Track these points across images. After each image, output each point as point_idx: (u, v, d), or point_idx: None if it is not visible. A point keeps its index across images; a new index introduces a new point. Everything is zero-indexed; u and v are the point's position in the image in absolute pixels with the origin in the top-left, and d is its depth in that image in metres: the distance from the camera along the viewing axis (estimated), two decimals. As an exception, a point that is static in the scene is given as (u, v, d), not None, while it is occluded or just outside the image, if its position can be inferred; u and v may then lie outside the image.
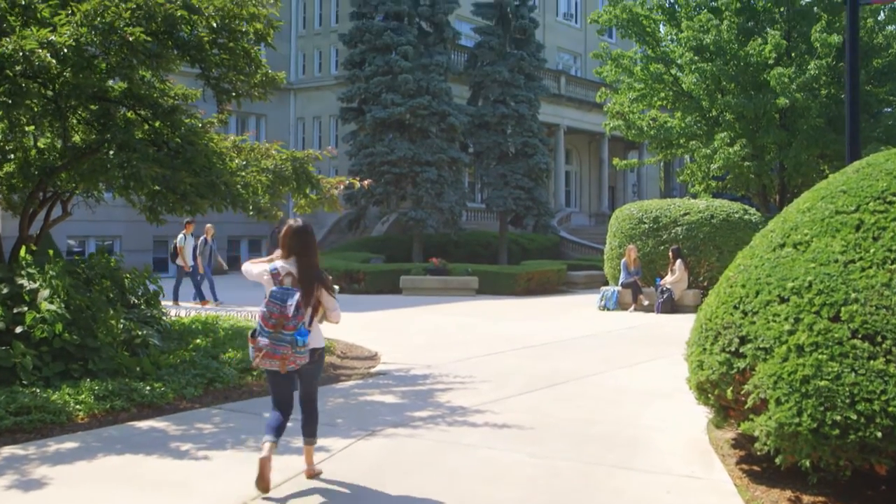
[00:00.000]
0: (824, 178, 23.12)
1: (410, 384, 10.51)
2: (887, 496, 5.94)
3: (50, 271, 9.51)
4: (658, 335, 15.50)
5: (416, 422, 8.39)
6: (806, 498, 5.92)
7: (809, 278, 6.00)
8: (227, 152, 11.64)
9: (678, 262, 20.12)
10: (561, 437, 7.80)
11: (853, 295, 5.77)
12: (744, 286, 6.45)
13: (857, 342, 5.59)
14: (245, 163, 11.69)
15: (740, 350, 6.14)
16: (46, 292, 9.22)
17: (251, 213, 11.29)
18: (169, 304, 19.13)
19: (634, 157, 39.26)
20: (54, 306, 9.06)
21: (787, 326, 5.86)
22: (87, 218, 17.99)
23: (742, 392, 6.07)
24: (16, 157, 11.39)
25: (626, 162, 33.44)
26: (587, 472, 6.70)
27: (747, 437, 6.52)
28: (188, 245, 21.03)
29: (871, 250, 5.99)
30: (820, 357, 5.59)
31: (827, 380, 5.50)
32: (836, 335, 5.65)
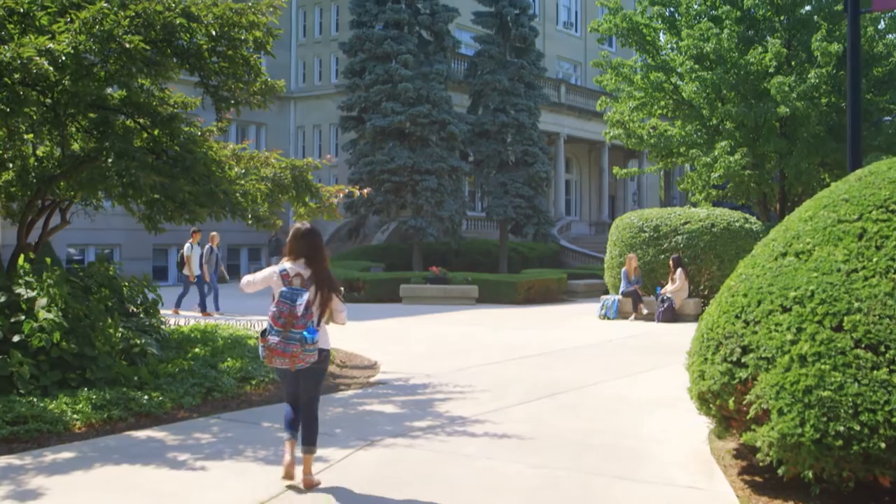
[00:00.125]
0: (825, 186, 23.13)
1: (410, 393, 10.46)
2: (891, 508, 5.89)
3: (48, 280, 9.46)
4: (658, 344, 15.45)
5: (416, 432, 8.33)
6: (809, 509, 5.87)
7: (812, 287, 5.96)
8: (227, 161, 11.61)
9: (679, 270, 20.07)
10: (561, 448, 7.74)
11: (856, 304, 5.73)
12: (745, 295, 6.40)
13: (860, 352, 5.55)
14: (244, 171, 11.66)
15: (742, 360, 6.09)
16: (44, 301, 9.17)
17: (250, 221, 11.26)
18: (168, 313, 19.11)
19: (635, 166, 39.29)
20: (52, 315, 9.01)
21: (789, 336, 5.82)
22: (87, 226, 17.99)
23: (744, 402, 6.03)
24: (14, 165, 11.36)
25: (626, 171, 33.43)
26: (587, 483, 6.65)
27: (749, 447, 6.47)
28: (195, 254, 20.87)
29: (874, 259, 5.95)
30: (823, 367, 5.54)
31: (830, 390, 5.46)
32: (838, 345, 5.61)
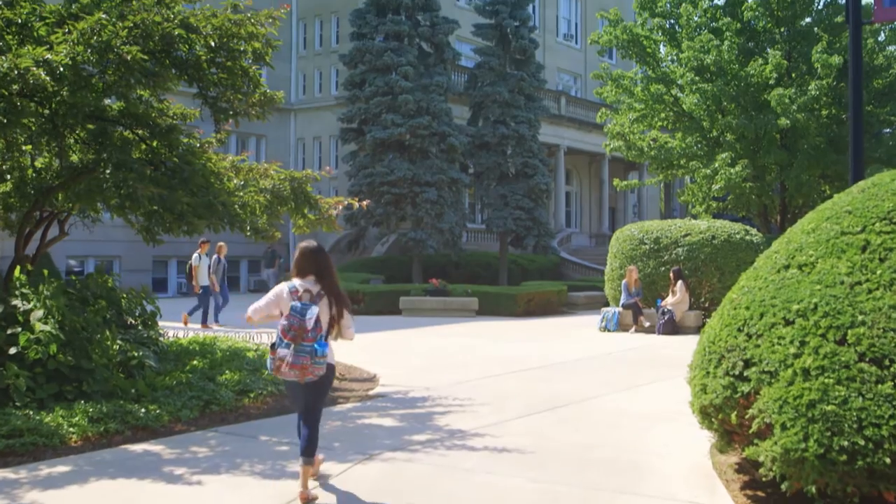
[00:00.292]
0: (825, 198, 23.02)
1: (409, 407, 10.39)
2: (896, 523, 5.81)
3: (44, 291, 9.41)
4: (659, 357, 15.38)
5: (415, 445, 8.26)
6: (812, 525, 5.79)
7: (815, 300, 5.89)
8: (225, 172, 11.59)
9: (679, 283, 20.01)
10: (561, 462, 7.67)
11: (860, 317, 5.66)
12: (748, 308, 6.33)
13: (864, 366, 5.48)
14: (243, 183, 11.63)
15: (744, 373, 6.02)
16: (40, 313, 9.11)
17: (248, 233, 11.22)
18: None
19: (635, 178, 39.27)
20: (48, 327, 8.95)
21: (792, 349, 5.75)
22: (87, 238, 17.91)
23: (746, 416, 5.96)
24: (13, 176, 11.33)
25: (626, 182, 33.43)
26: (588, 498, 6.57)
27: (752, 462, 6.40)
28: (203, 264, 20.73)
29: (878, 272, 5.88)
30: (826, 381, 5.47)
31: (834, 404, 5.39)
32: (842, 358, 5.54)
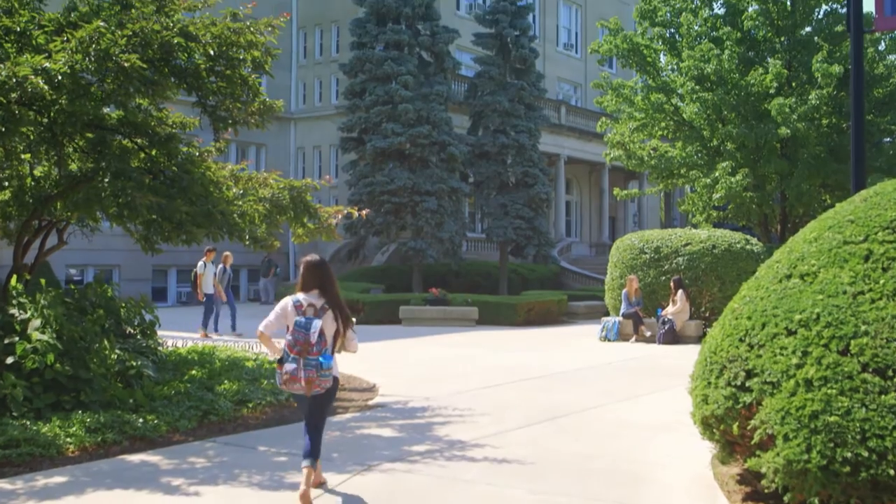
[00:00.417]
0: (826, 207, 22.86)
1: (408, 417, 10.33)
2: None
3: (41, 300, 9.36)
4: (660, 367, 15.31)
5: (414, 456, 8.20)
6: (815, 537, 5.73)
7: (817, 310, 5.85)
8: (225, 181, 11.55)
9: (680, 292, 19.95)
10: (562, 473, 7.61)
11: (863, 328, 5.62)
12: (749, 318, 6.29)
13: (867, 376, 5.44)
14: (242, 192, 11.59)
15: (746, 384, 5.98)
16: (38, 322, 9.06)
17: (247, 242, 11.18)
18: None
19: (635, 187, 39.18)
20: (46, 336, 8.90)
21: (794, 360, 5.70)
22: (87, 247, 17.85)
23: (748, 427, 5.91)
24: (11, 185, 11.29)
25: (626, 192, 33.40)
26: (589, 510, 6.53)
27: (753, 473, 6.35)
28: (208, 272, 20.72)
29: (881, 281, 5.84)
30: (829, 392, 5.43)
31: (837, 415, 5.34)
32: (845, 369, 5.49)
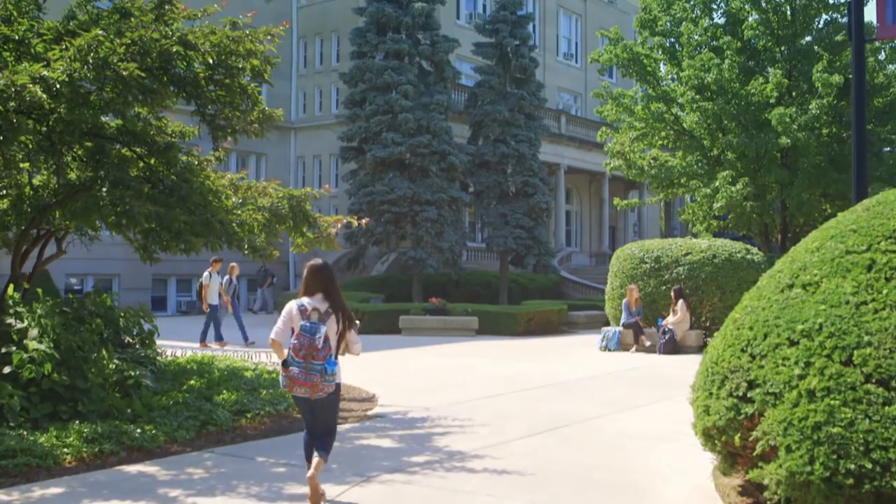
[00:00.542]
0: (826, 217, 22.80)
1: (408, 427, 10.28)
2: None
3: (38, 310, 9.31)
4: (660, 377, 15.24)
5: (414, 467, 8.15)
6: (818, 550, 5.67)
7: (820, 320, 5.80)
8: (224, 190, 11.52)
9: (680, 302, 19.89)
10: (562, 484, 7.56)
11: (866, 338, 5.57)
12: (751, 328, 6.24)
13: (870, 387, 5.39)
14: (241, 201, 11.55)
15: (748, 395, 5.93)
16: (35, 331, 9.01)
17: (246, 251, 11.14)
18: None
19: (635, 197, 39.15)
20: (43, 346, 8.85)
21: (797, 370, 5.66)
22: (87, 256, 17.85)
23: (750, 438, 5.86)
24: (9, 194, 11.25)
25: (626, 201, 33.33)
26: (590, 521, 6.47)
27: (755, 484, 6.29)
28: (214, 282, 20.59)
29: (884, 291, 5.79)
30: (832, 403, 5.38)
31: (840, 426, 5.29)
32: (848, 380, 5.44)
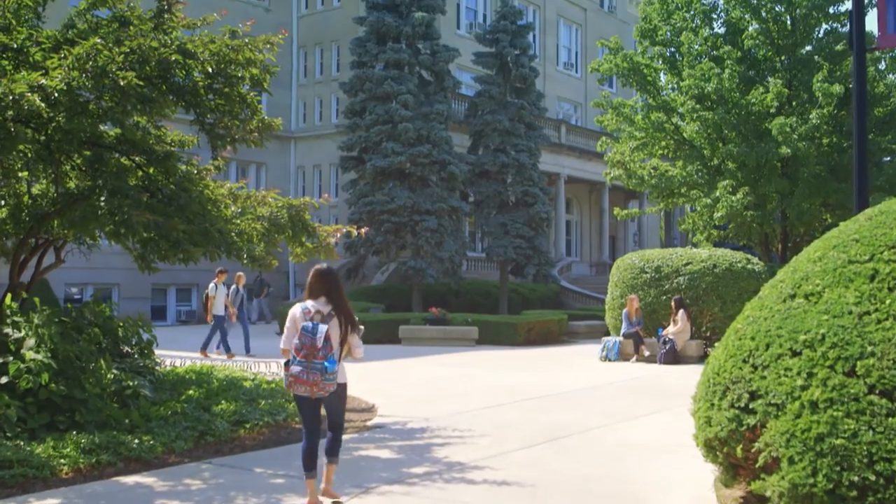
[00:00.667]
0: (827, 226, 22.71)
1: (407, 438, 10.22)
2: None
3: (35, 319, 9.26)
4: (661, 387, 15.18)
5: (413, 478, 8.09)
6: (821, 562, 5.62)
7: (822, 331, 5.75)
8: (223, 199, 11.48)
9: (681, 312, 19.83)
10: (563, 495, 7.51)
11: (869, 348, 5.52)
12: (753, 338, 6.19)
13: (874, 398, 5.34)
14: (241, 210, 11.52)
15: (750, 406, 5.88)
16: (32, 341, 8.97)
17: (245, 261, 11.10)
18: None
19: (635, 207, 39.15)
20: (40, 356, 8.80)
21: (799, 381, 5.61)
22: (86, 265, 17.76)
23: (752, 450, 5.81)
24: (8, 203, 11.22)
25: (626, 211, 33.30)
26: (590, 534, 6.41)
27: (757, 496, 6.24)
28: (220, 294, 20.36)
29: (888, 301, 5.74)
30: (835, 414, 5.33)
31: (843, 438, 5.24)
32: (851, 391, 5.40)
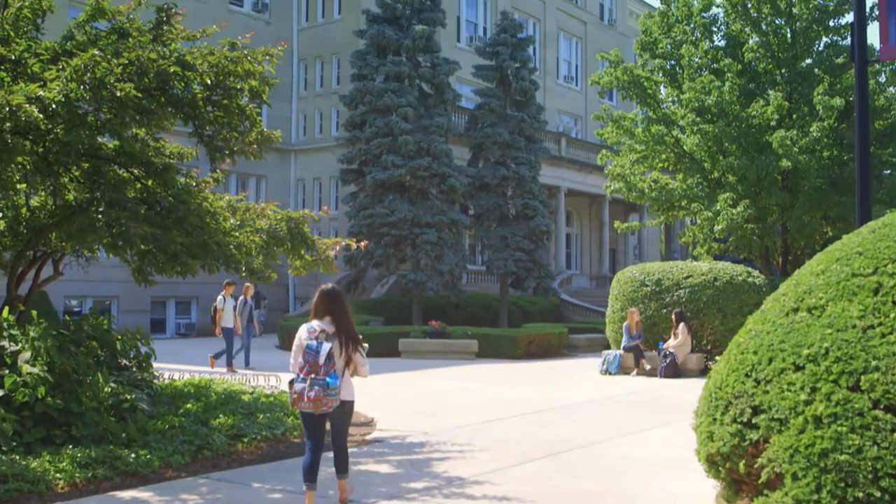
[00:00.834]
0: (828, 240, 22.57)
1: (406, 452, 10.14)
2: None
3: (32, 332, 9.19)
4: (662, 401, 15.11)
5: (412, 493, 8.02)
6: (826, 580, 5.54)
7: (826, 345, 5.69)
8: (222, 212, 11.44)
9: (681, 325, 19.76)
10: (563, 511, 7.43)
11: (873, 363, 5.45)
12: (756, 353, 6.13)
13: (878, 413, 5.27)
14: (240, 223, 11.48)
15: (753, 421, 5.82)
16: (28, 354, 8.89)
17: (244, 273, 11.05)
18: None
19: (635, 220, 39.06)
20: (36, 369, 8.73)
21: (803, 396, 5.54)
22: (86, 278, 17.74)
23: (755, 465, 5.75)
24: (6, 215, 11.17)
25: (627, 224, 33.21)
26: (591, 550, 6.34)
27: (761, 512, 6.16)
28: (228, 306, 20.20)
29: (892, 315, 5.68)
30: (839, 429, 5.26)
31: (847, 453, 5.17)
32: (856, 406, 5.33)
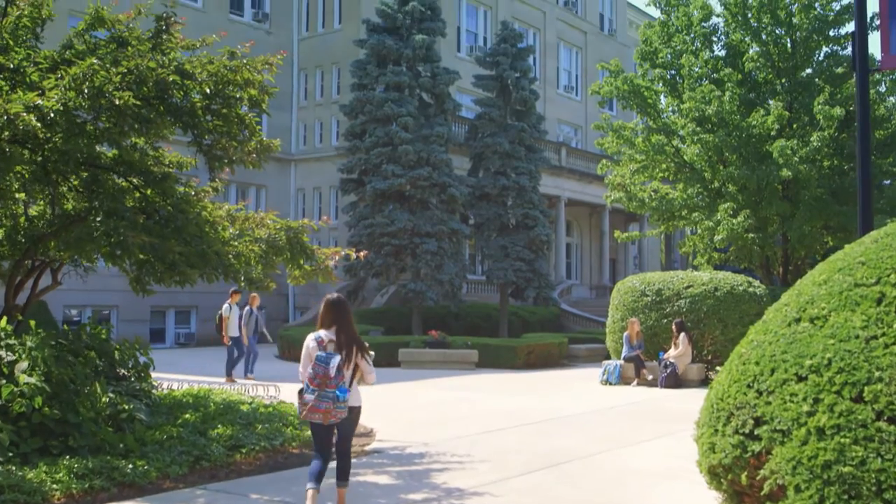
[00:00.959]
0: (828, 249, 22.55)
1: (406, 463, 10.08)
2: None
3: (29, 342, 9.14)
4: (662, 411, 15.05)
5: (411, 505, 7.96)
6: None
7: (829, 355, 5.64)
8: (221, 221, 11.41)
9: (682, 335, 19.70)
10: (564, 523, 7.38)
11: (877, 374, 5.40)
12: (758, 363, 6.08)
13: (882, 425, 5.22)
14: (238, 232, 11.44)
15: (755, 432, 5.76)
16: (25, 364, 8.84)
17: (243, 283, 11.01)
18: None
19: (635, 229, 39.07)
20: (33, 379, 8.67)
21: (805, 407, 5.49)
22: (85, 288, 17.67)
23: (757, 477, 5.69)
24: (4, 224, 11.14)
25: (627, 234, 33.20)
26: (592, 563, 6.28)
27: (763, 524, 6.11)
28: (234, 315, 20.04)
29: (895, 325, 5.63)
30: (843, 441, 5.21)
31: (851, 465, 5.12)
32: (859, 417, 5.28)
